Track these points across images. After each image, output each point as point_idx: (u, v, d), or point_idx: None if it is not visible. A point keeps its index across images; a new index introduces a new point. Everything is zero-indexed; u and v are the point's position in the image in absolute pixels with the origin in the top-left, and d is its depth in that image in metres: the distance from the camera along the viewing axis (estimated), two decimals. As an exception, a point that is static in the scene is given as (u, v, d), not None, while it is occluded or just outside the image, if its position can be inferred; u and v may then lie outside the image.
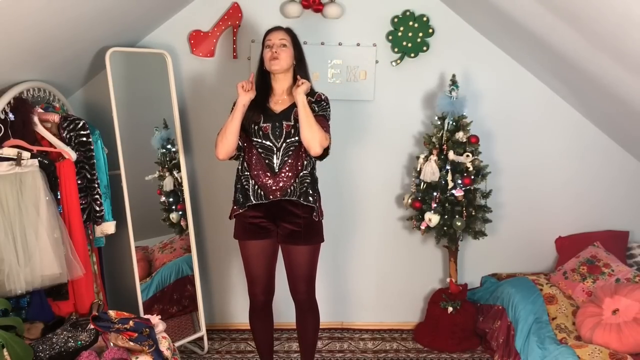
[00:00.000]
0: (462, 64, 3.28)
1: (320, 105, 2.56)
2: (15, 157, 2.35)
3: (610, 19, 2.17)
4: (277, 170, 2.50)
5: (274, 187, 2.50)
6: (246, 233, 2.59)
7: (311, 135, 2.42)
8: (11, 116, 2.42)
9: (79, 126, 2.62)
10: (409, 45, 3.24)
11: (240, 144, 2.54)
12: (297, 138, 2.50)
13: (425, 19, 3.21)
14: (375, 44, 3.26)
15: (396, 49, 3.25)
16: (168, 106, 3.04)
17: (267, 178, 2.50)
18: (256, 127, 2.52)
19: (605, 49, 2.42)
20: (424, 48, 3.24)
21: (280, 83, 2.58)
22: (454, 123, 3.11)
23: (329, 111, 2.58)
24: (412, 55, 3.26)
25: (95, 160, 2.68)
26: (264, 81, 2.59)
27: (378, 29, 3.25)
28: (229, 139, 2.49)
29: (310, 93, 2.57)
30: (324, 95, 2.61)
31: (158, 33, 3.18)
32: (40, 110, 2.59)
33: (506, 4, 2.70)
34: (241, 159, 2.59)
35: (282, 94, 2.58)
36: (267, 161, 2.51)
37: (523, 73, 3.34)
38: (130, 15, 2.80)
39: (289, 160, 2.51)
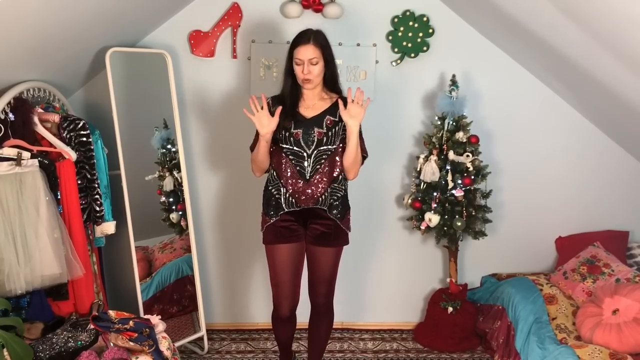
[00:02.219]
0: (462, 64, 3.28)
1: None
2: (15, 157, 2.35)
3: (611, 19, 2.17)
4: (308, 178, 2.47)
5: (305, 196, 2.47)
6: (277, 237, 2.52)
7: (351, 167, 2.51)
8: (11, 116, 2.42)
9: (79, 126, 2.62)
10: (409, 45, 3.24)
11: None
12: (329, 147, 2.46)
13: (425, 19, 3.21)
14: (375, 44, 3.26)
15: (396, 49, 3.25)
16: (168, 106, 3.04)
17: (300, 185, 2.47)
18: (287, 134, 2.47)
19: (605, 48, 2.42)
20: (424, 48, 3.24)
21: (311, 91, 2.51)
22: (454, 123, 3.11)
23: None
24: (412, 55, 3.25)
25: (95, 160, 2.68)
26: (293, 87, 2.50)
27: (378, 29, 3.24)
28: (262, 164, 2.52)
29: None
30: None
31: (158, 33, 3.18)
32: (40, 110, 2.59)
33: (506, 3, 2.70)
34: (270, 168, 2.56)
35: (312, 98, 2.52)
36: (298, 168, 2.47)
37: (523, 73, 3.34)
38: (130, 15, 2.80)
39: (321, 169, 2.47)
